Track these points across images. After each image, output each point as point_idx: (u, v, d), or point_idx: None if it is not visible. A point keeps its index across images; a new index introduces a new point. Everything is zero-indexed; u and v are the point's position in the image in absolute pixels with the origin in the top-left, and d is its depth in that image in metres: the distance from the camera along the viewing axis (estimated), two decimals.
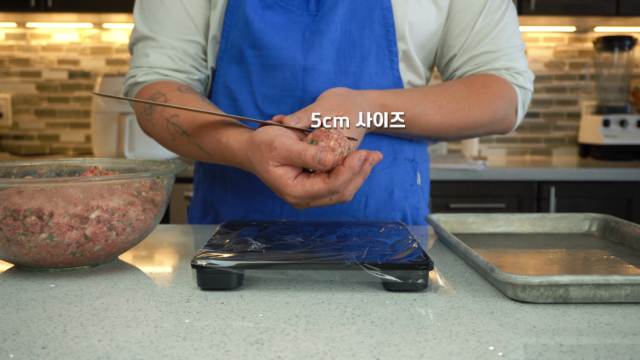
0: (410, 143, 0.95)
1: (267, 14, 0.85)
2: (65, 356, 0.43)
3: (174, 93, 0.83)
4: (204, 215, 0.98)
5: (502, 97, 0.88)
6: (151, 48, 0.88)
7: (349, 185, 0.65)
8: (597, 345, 0.45)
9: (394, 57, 0.88)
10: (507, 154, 2.72)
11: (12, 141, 2.69)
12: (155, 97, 0.84)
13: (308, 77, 0.85)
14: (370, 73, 0.87)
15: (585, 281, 0.53)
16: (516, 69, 0.90)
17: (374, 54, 0.87)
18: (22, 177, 0.76)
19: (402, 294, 0.57)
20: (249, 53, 0.86)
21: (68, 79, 2.66)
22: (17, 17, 2.49)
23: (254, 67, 0.86)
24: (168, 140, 0.85)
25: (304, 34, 0.85)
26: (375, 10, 0.86)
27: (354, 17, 0.86)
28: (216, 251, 0.60)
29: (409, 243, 0.64)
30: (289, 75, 0.85)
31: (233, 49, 0.88)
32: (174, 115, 0.82)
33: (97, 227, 0.62)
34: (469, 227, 0.84)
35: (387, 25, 0.86)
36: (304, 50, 0.85)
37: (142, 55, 0.89)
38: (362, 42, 0.86)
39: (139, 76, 0.88)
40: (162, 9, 0.88)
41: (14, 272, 0.66)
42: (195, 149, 0.81)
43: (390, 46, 0.87)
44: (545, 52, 2.66)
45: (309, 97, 0.86)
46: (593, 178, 2.13)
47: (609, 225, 0.80)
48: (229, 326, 0.49)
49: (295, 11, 0.86)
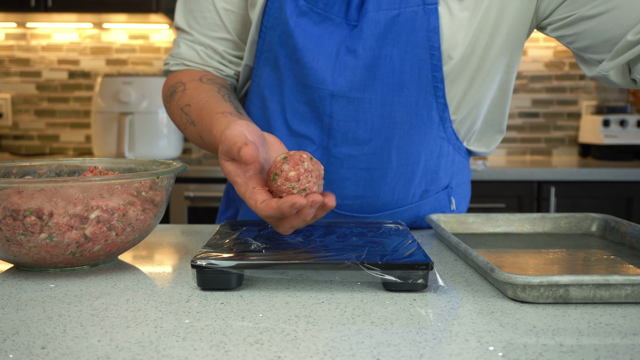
0: (449, 167, 0.90)
1: (302, 22, 0.80)
2: (65, 356, 0.43)
3: (194, 82, 0.85)
4: (226, 208, 1.01)
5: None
6: (183, 40, 0.91)
7: (283, 222, 0.61)
8: (597, 345, 0.45)
9: (439, 84, 0.80)
10: (507, 154, 2.72)
11: (12, 141, 2.69)
12: (176, 85, 0.87)
13: (336, 104, 0.81)
14: (410, 103, 0.81)
15: (585, 281, 0.53)
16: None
17: (416, 81, 0.80)
18: (22, 177, 0.76)
19: (402, 294, 0.57)
20: (284, 62, 0.83)
21: (68, 79, 2.66)
22: (17, 17, 2.49)
23: (288, 80, 0.83)
24: (182, 128, 0.86)
25: (338, 50, 0.80)
26: (419, 31, 0.78)
27: (395, 40, 0.78)
28: (216, 251, 0.60)
29: (409, 243, 0.64)
30: (318, 98, 0.81)
31: (269, 52, 0.85)
32: (186, 105, 0.83)
33: (96, 227, 0.62)
34: (469, 227, 0.84)
35: (432, 49, 0.78)
36: (334, 74, 0.80)
37: (176, 45, 0.92)
38: (403, 68, 0.79)
39: (171, 65, 0.92)
40: (198, 4, 0.89)
41: (14, 272, 0.66)
42: (198, 139, 0.81)
43: (434, 71, 0.79)
44: (545, 52, 2.66)
45: (335, 125, 0.81)
46: (593, 178, 2.13)
47: (609, 225, 0.80)
48: (229, 326, 0.49)
49: (334, 19, 0.80)
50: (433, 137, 0.85)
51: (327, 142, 0.83)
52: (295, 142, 0.85)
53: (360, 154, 0.83)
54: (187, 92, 0.84)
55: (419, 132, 0.83)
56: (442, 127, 0.85)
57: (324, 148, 0.84)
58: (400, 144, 0.83)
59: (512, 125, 2.70)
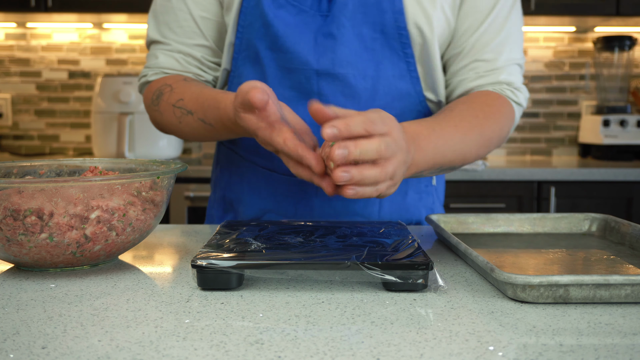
0: None
1: (280, 13, 0.85)
2: (65, 356, 0.43)
3: (180, 82, 0.88)
4: (224, 214, 0.99)
5: (508, 119, 0.87)
6: (160, 50, 0.93)
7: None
8: (597, 345, 0.45)
9: (410, 59, 0.86)
10: (507, 154, 2.72)
11: (12, 141, 2.69)
12: (161, 88, 0.89)
13: (323, 81, 0.85)
14: (387, 76, 0.86)
15: (585, 281, 0.53)
16: (514, 84, 0.89)
17: (389, 57, 0.86)
18: (22, 177, 0.76)
19: (402, 294, 0.57)
20: (265, 54, 0.86)
21: (68, 79, 2.66)
22: (17, 17, 2.49)
23: (270, 69, 0.86)
24: (175, 124, 0.87)
25: (316, 37, 0.85)
26: (386, 13, 0.84)
27: (365, 21, 0.84)
28: (216, 251, 0.60)
29: (409, 243, 0.64)
30: (304, 79, 0.85)
31: (248, 50, 0.88)
32: (179, 100, 0.85)
33: (97, 227, 0.62)
34: (469, 227, 0.84)
35: (400, 29, 0.84)
36: (316, 55, 0.84)
37: (153, 57, 0.93)
38: (375, 46, 0.85)
39: (149, 76, 0.94)
40: (172, 14, 0.91)
41: (14, 272, 0.66)
42: (199, 125, 0.83)
43: (404, 48, 0.86)
44: (545, 52, 2.66)
45: (325, 101, 0.85)
46: (593, 178, 2.13)
47: (609, 225, 0.80)
48: (229, 326, 0.49)
49: (308, 11, 0.85)
50: (412, 110, 0.89)
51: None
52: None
53: None
54: (175, 90, 0.86)
55: (401, 104, 0.88)
56: (419, 100, 0.90)
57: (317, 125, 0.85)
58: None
59: None
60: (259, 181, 0.92)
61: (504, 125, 0.86)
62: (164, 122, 0.90)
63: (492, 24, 0.88)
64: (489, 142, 0.84)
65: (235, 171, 0.95)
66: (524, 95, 0.91)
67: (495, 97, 0.87)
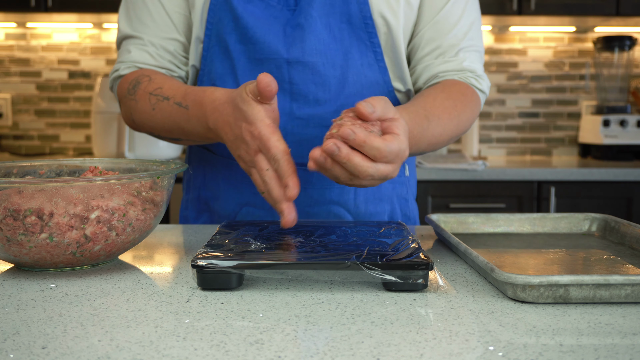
0: None
1: (249, 7, 0.87)
2: (65, 356, 0.43)
3: (158, 74, 0.88)
4: (198, 215, 0.99)
5: (476, 105, 0.91)
6: (133, 45, 0.93)
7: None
8: (597, 345, 0.45)
9: (377, 49, 0.89)
10: (507, 154, 2.72)
11: (12, 141, 2.69)
12: (139, 78, 0.88)
13: (293, 70, 0.87)
14: (356, 65, 0.88)
15: (585, 281, 0.53)
16: (477, 71, 0.93)
17: (356, 46, 0.88)
18: (22, 177, 0.76)
19: (402, 294, 0.57)
20: (234, 48, 0.88)
21: (68, 79, 2.66)
22: (17, 17, 2.49)
23: (240, 62, 0.88)
24: (147, 111, 0.86)
25: (285, 28, 0.87)
26: (351, 3, 0.87)
27: (331, 12, 0.87)
28: (216, 251, 0.60)
29: (409, 243, 0.64)
30: (275, 68, 0.87)
31: (218, 45, 0.89)
32: (157, 88, 0.85)
33: (97, 227, 0.62)
34: (469, 227, 0.84)
35: (365, 18, 0.87)
36: (286, 45, 0.86)
37: (125, 52, 0.93)
38: (342, 35, 0.87)
39: (122, 70, 0.93)
40: (144, 8, 0.92)
41: (14, 272, 0.66)
42: (173, 109, 0.82)
43: (371, 38, 0.88)
44: (545, 52, 2.66)
45: (296, 89, 0.87)
46: (593, 178, 2.13)
47: (609, 225, 0.80)
48: (229, 326, 0.49)
49: (275, 6, 0.87)
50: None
51: (291, 107, 0.88)
52: None
53: (323, 113, 0.88)
54: (154, 80, 0.86)
55: (370, 92, 0.90)
56: (387, 90, 0.91)
57: (288, 114, 0.88)
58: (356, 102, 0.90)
59: (512, 125, 2.71)
60: (236, 175, 0.92)
61: (475, 114, 0.91)
62: (138, 109, 0.88)
63: (451, 10, 0.91)
64: (462, 130, 0.90)
65: (210, 169, 0.96)
66: (487, 83, 0.94)
67: (465, 86, 0.90)
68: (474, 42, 0.93)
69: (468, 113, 0.88)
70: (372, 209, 0.94)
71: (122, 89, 0.92)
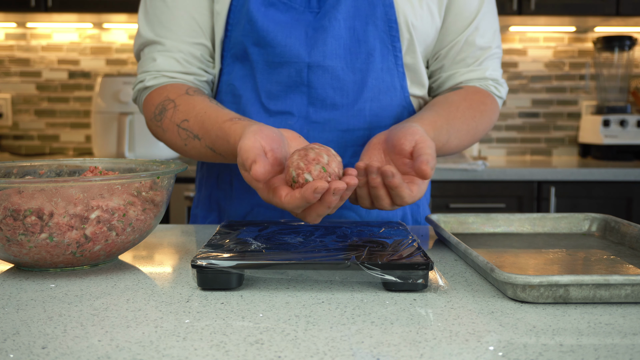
0: None
1: (270, 11, 0.86)
2: (65, 356, 0.43)
3: (183, 97, 0.84)
4: (207, 213, 0.98)
5: (494, 112, 0.94)
6: (158, 52, 0.89)
7: (309, 211, 0.63)
8: (597, 345, 0.45)
9: (398, 53, 0.89)
10: (507, 154, 2.72)
11: (12, 141, 2.69)
12: (164, 103, 0.85)
13: (313, 74, 0.87)
14: (376, 69, 0.88)
15: (585, 281, 0.53)
16: (498, 80, 0.95)
17: (379, 49, 0.88)
18: (22, 177, 0.76)
19: (402, 294, 0.57)
20: (252, 51, 0.87)
21: (68, 79, 2.66)
22: (17, 17, 2.49)
23: (258, 65, 0.87)
24: (180, 145, 0.85)
25: (307, 31, 0.86)
26: (377, 6, 0.87)
27: (357, 14, 0.87)
28: (216, 251, 0.60)
29: (409, 243, 0.64)
30: (294, 72, 0.87)
31: (236, 47, 0.89)
32: (184, 120, 0.82)
33: (97, 227, 0.62)
34: (469, 227, 0.84)
35: (390, 22, 0.87)
36: (307, 47, 0.86)
37: (150, 60, 0.89)
38: (367, 38, 0.87)
39: (147, 80, 0.89)
40: (167, 12, 0.88)
41: (14, 272, 0.66)
42: (208, 152, 0.81)
43: (393, 42, 0.88)
44: (545, 52, 2.66)
45: (314, 93, 0.87)
46: (593, 178, 2.13)
47: (609, 225, 0.80)
48: (229, 326, 0.49)
49: (298, 9, 0.87)
50: (397, 105, 0.91)
51: (307, 111, 0.88)
52: (275, 120, 0.88)
53: (340, 117, 0.89)
54: (179, 107, 0.83)
55: (387, 97, 0.90)
56: (403, 96, 0.92)
57: (304, 117, 0.88)
58: (372, 107, 0.90)
59: (512, 125, 2.71)
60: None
61: (492, 122, 0.94)
62: (167, 140, 0.87)
63: (482, 20, 0.93)
64: (477, 140, 0.93)
65: (224, 169, 0.95)
66: (505, 89, 0.97)
67: (486, 95, 0.92)
68: (496, 49, 0.95)
69: (485, 123, 0.91)
70: (383, 214, 0.94)
71: (148, 111, 0.89)
